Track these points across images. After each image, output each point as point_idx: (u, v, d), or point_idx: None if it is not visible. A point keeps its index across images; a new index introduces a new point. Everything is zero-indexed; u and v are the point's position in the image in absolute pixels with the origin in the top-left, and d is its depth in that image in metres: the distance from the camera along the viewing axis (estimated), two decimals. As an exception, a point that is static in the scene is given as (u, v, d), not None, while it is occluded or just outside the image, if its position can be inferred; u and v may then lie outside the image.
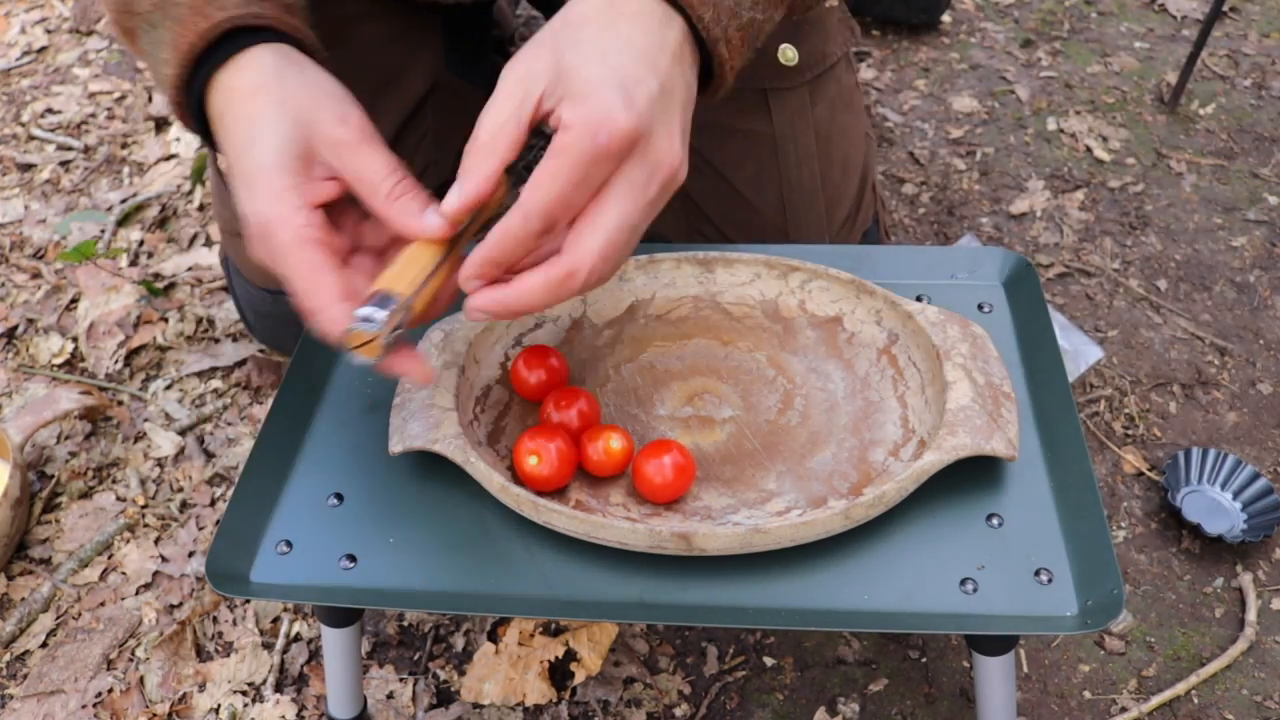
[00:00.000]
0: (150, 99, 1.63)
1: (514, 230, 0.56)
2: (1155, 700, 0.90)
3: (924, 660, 0.93)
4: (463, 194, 0.58)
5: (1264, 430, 1.12)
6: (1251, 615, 0.95)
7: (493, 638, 0.95)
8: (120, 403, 1.18)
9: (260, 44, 0.62)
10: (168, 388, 1.20)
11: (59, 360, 1.23)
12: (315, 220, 0.60)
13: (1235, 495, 1.04)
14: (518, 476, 0.66)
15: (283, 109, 0.61)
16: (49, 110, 1.62)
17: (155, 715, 0.92)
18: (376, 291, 0.58)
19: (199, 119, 0.64)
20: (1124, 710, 0.90)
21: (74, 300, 1.30)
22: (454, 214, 0.59)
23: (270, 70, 0.62)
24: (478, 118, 0.58)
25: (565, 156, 0.54)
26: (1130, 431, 1.12)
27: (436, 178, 1.11)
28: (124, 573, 1.02)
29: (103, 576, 1.02)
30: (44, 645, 0.97)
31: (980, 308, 0.79)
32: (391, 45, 1.01)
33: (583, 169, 0.54)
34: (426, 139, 1.07)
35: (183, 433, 1.15)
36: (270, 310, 1.07)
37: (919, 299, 0.78)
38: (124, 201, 1.43)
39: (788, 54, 0.96)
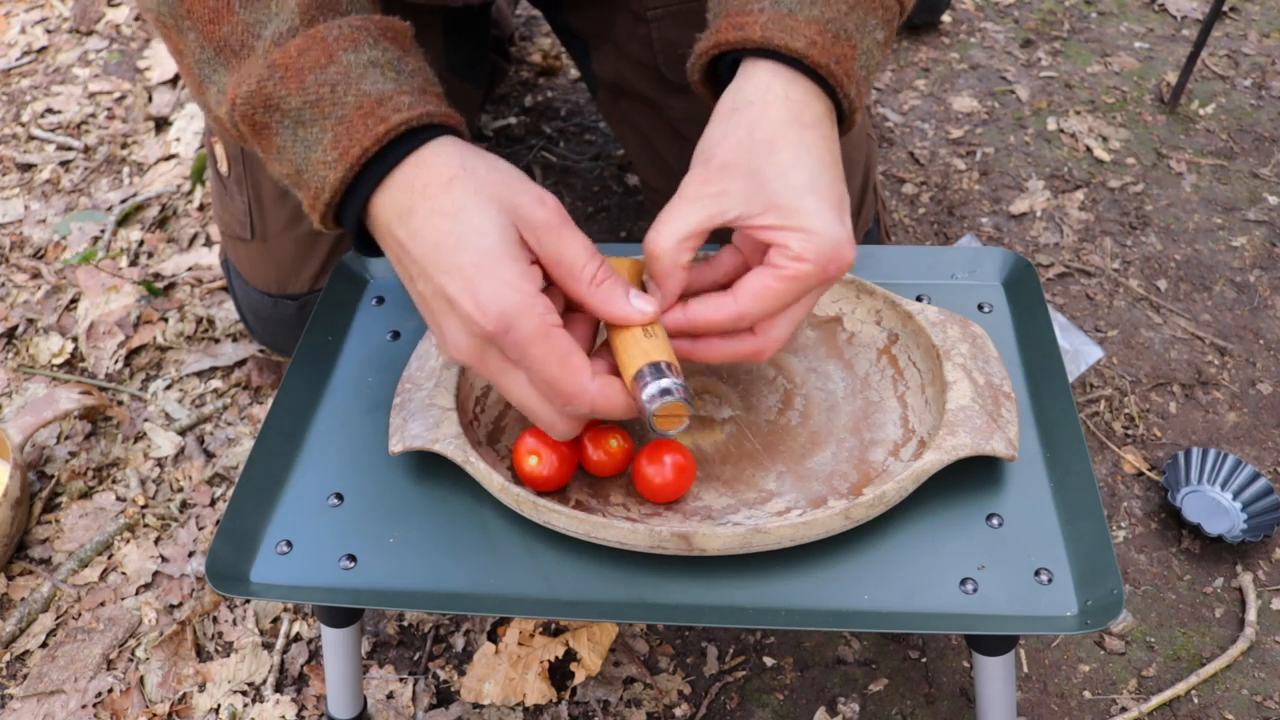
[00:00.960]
0: (150, 99, 1.63)
1: (723, 322, 0.61)
2: (1155, 700, 0.90)
3: (924, 660, 0.93)
4: (663, 301, 0.62)
5: (1264, 430, 1.12)
6: (1251, 615, 0.95)
7: (493, 638, 0.95)
8: (120, 403, 1.18)
9: (436, 139, 0.60)
10: (168, 388, 1.20)
11: (59, 360, 1.23)
12: (550, 305, 0.57)
13: (1235, 495, 1.04)
14: (518, 476, 0.66)
15: (483, 197, 0.58)
16: (49, 110, 1.62)
17: (155, 715, 0.92)
18: (642, 367, 0.59)
19: (357, 225, 0.62)
20: (1124, 710, 0.90)
21: (74, 300, 1.30)
22: (654, 317, 0.61)
23: (457, 162, 0.59)
24: (653, 231, 0.61)
25: (796, 283, 0.59)
26: (1130, 431, 1.12)
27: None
28: (124, 573, 1.02)
29: (103, 576, 1.02)
30: (44, 645, 0.97)
31: (980, 308, 0.79)
32: None
33: (805, 292, 0.60)
34: (427, 140, 1.07)
35: (183, 433, 1.15)
36: (270, 313, 1.07)
37: (919, 299, 0.78)
38: (124, 201, 1.43)
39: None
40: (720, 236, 0.64)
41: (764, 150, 0.60)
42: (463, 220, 0.57)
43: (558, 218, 0.58)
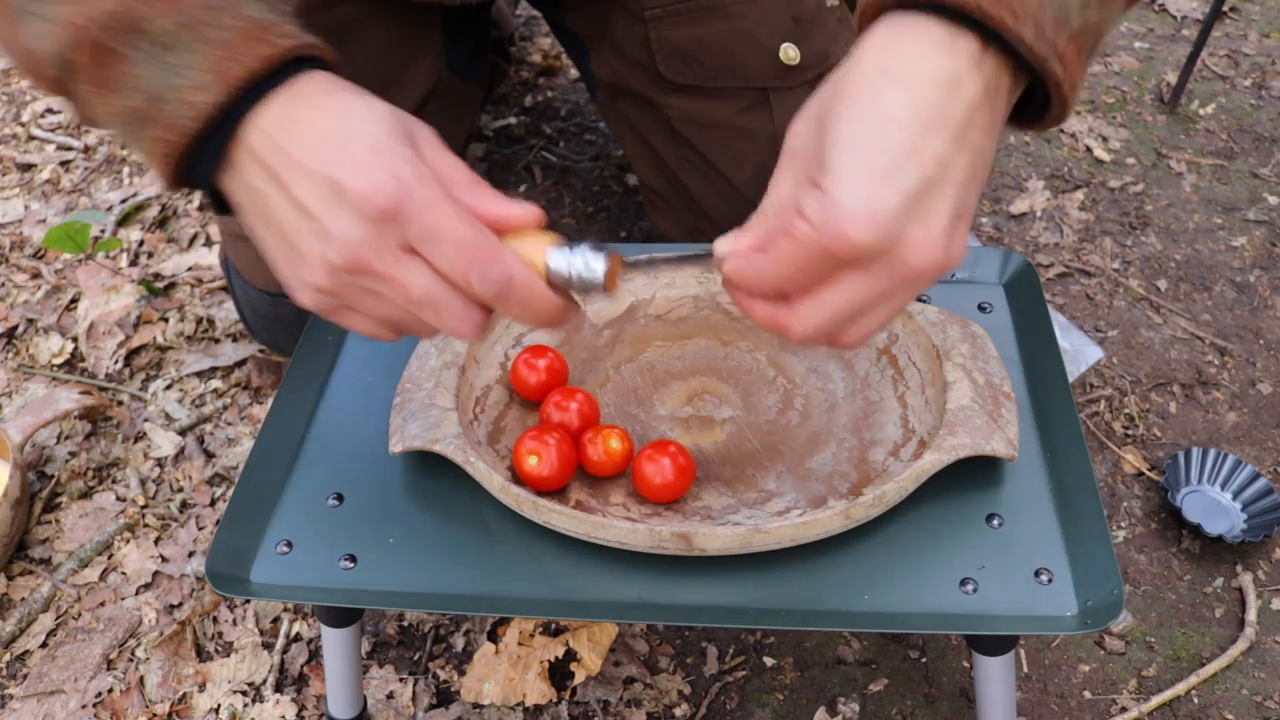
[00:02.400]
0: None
1: (752, 277, 0.52)
2: (1155, 700, 0.90)
3: (924, 660, 0.93)
4: (744, 244, 0.53)
5: (1264, 430, 1.12)
6: (1251, 615, 0.95)
7: (493, 638, 0.95)
8: (120, 403, 1.18)
9: (317, 69, 0.56)
10: (168, 388, 1.20)
11: (59, 360, 1.23)
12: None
13: (1235, 495, 1.04)
14: (518, 476, 0.66)
15: (373, 102, 0.55)
16: (49, 110, 1.62)
17: (155, 715, 0.92)
18: (548, 249, 0.54)
19: (211, 168, 0.57)
20: (1124, 710, 0.90)
21: (74, 300, 1.30)
22: (537, 219, 0.55)
23: (343, 84, 0.56)
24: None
25: (798, 248, 0.50)
26: (1130, 431, 1.12)
27: (436, 179, 1.11)
28: (124, 573, 1.02)
29: (103, 576, 1.02)
30: (44, 645, 0.97)
31: (980, 308, 0.79)
32: (392, 47, 1.01)
33: (811, 264, 0.50)
34: (427, 140, 1.07)
35: (183, 433, 1.15)
36: (270, 312, 1.07)
37: (919, 299, 0.78)
38: (124, 201, 1.43)
39: (789, 53, 0.96)
40: None
41: (840, 97, 0.50)
42: (353, 115, 0.54)
43: (432, 130, 0.56)
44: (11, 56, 0.59)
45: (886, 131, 0.48)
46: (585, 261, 0.53)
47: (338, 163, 0.52)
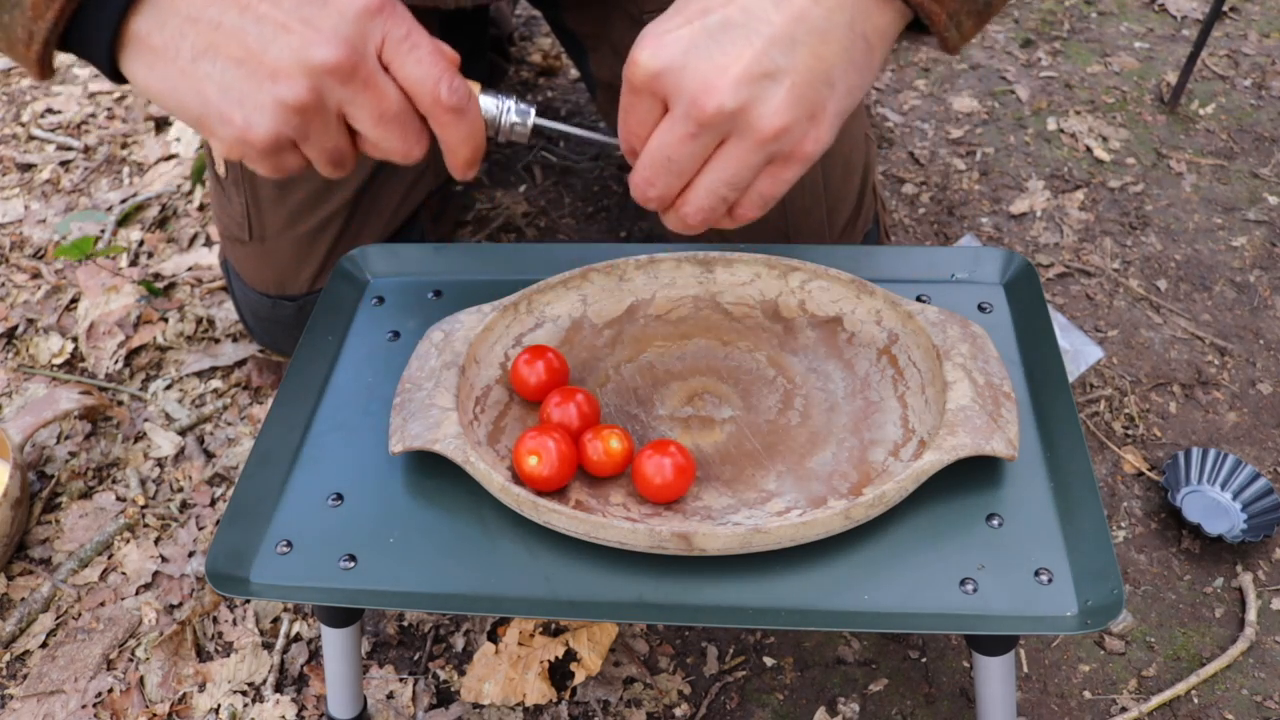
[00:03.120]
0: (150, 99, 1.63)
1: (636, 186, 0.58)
2: (1155, 700, 0.90)
3: (924, 660, 0.93)
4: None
5: (1264, 430, 1.12)
6: (1251, 615, 0.95)
7: (493, 638, 0.95)
8: (120, 403, 1.18)
9: None
10: (168, 388, 1.20)
11: (59, 360, 1.23)
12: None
13: (1235, 495, 1.04)
14: (518, 476, 0.66)
15: None
16: (49, 110, 1.62)
17: (155, 715, 0.92)
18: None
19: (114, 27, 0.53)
20: (1124, 710, 0.90)
21: (74, 300, 1.30)
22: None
23: None
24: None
25: (655, 138, 0.55)
26: (1130, 431, 1.12)
27: (435, 179, 1.11)
28: (124, 573, 1.02)
29: (103, 576, 1.02)
30: (44, 645, 0.97)
31: (980, 308, 0.79)
32: None
33: (631, 105, 0.56)
34: (426, 140, 1.07)
35: (183, 433, 1.15)
36: (269, 314, 1.07)
37: (919, 299, 0.78)
38: (124, 201, 1.43)
39: None
40: None
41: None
42: None
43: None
44: None
45: (728, 34, 0.51)
46: (514, 107, 0.60)
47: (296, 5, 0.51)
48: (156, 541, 1.05)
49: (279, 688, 0.94)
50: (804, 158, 0.55)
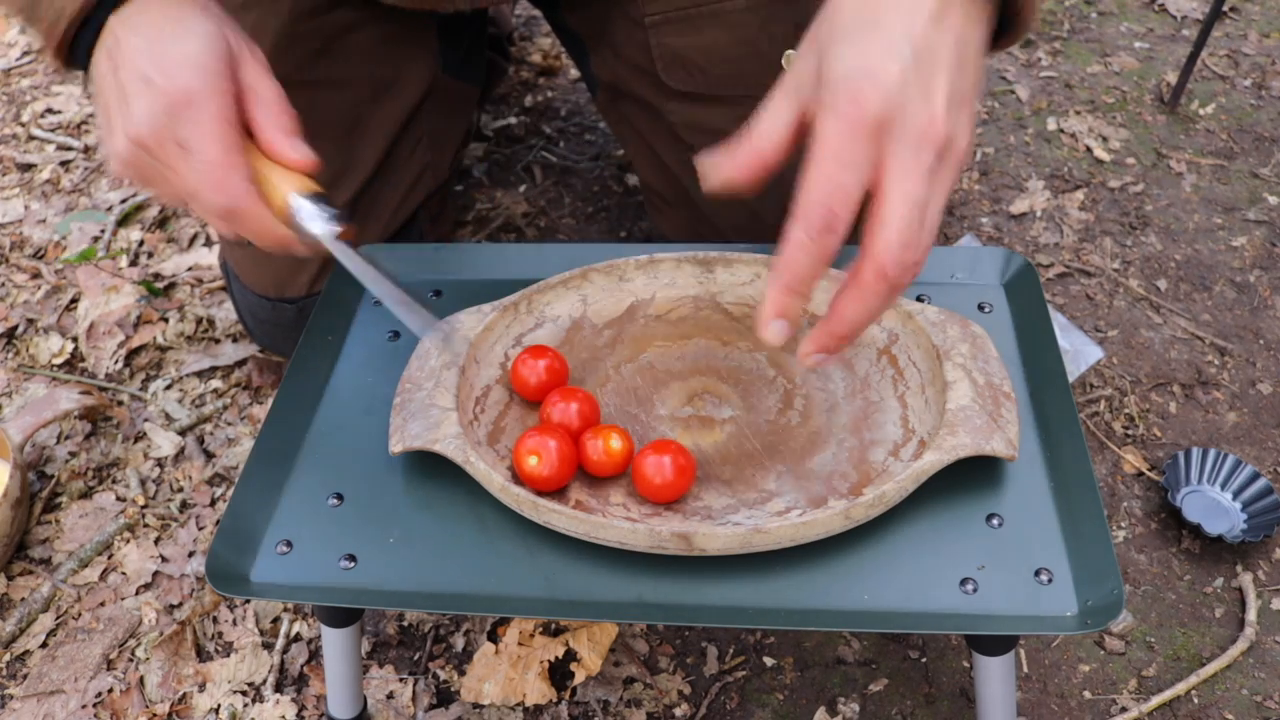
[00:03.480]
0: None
1: (797, 241, 0.53)
2: (1155, 700, 0.90)
3: (924, 660, 0.93)
4: (726, 158, 0.57)
5: (1264, 430, 1.12)
6: (1251, 615, 0.95)
7: (493, 638, 0.95)
8: (120, 403, 1.18)
9: None
10: (168, 388, 1.20)
11: (59, 360, 1.23)
12: (235, 111, 0.63)
13: (1235, 495, 1.04)
14: (518, 476, 0.66)
15: (209, 14, 0.65)
16: (49, 110, 1.62)
17: (155, 715, 0.92)
18: (295, 194, 0.64)
19: (86, 59, 0.67)
20: (1124, 710, 0.90)
21: (74, 300, 1.30)
22: (309, 165, 0.64)
23: None
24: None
25: (821, 144, 0.52)
26: (1130, 431, 1.12)
27: (434, 180, 1.11)
28: (124, 573, 1.02)
29: (103, 576, 1.02)
30: (44, 645, 0.97)
31: (980, 308, 0.79)
32: (387, 51, 1.01)
33: (844, 149, 0.52)
34: (423, 142, 1.07)
35: (183, 433, 1.15)
36: (269, 317, 1.07)
37: (919, 299, 0.78)
38: (124, 201, 1.43)
39: (791, 58, 0.96)
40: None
41: (828, 23, 0.56)
42: (182, 24, 0.64)
43: (258, 55, 0.66)
44: None
45: (875, 28, 0.53)
46: (314, 218, 0.63)
47: (152, 61, 0.62)
48: (156, 541, 1.05)
49: (279, 688, 0.94)
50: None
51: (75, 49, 0.66)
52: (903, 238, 0.52)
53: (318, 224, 0.63)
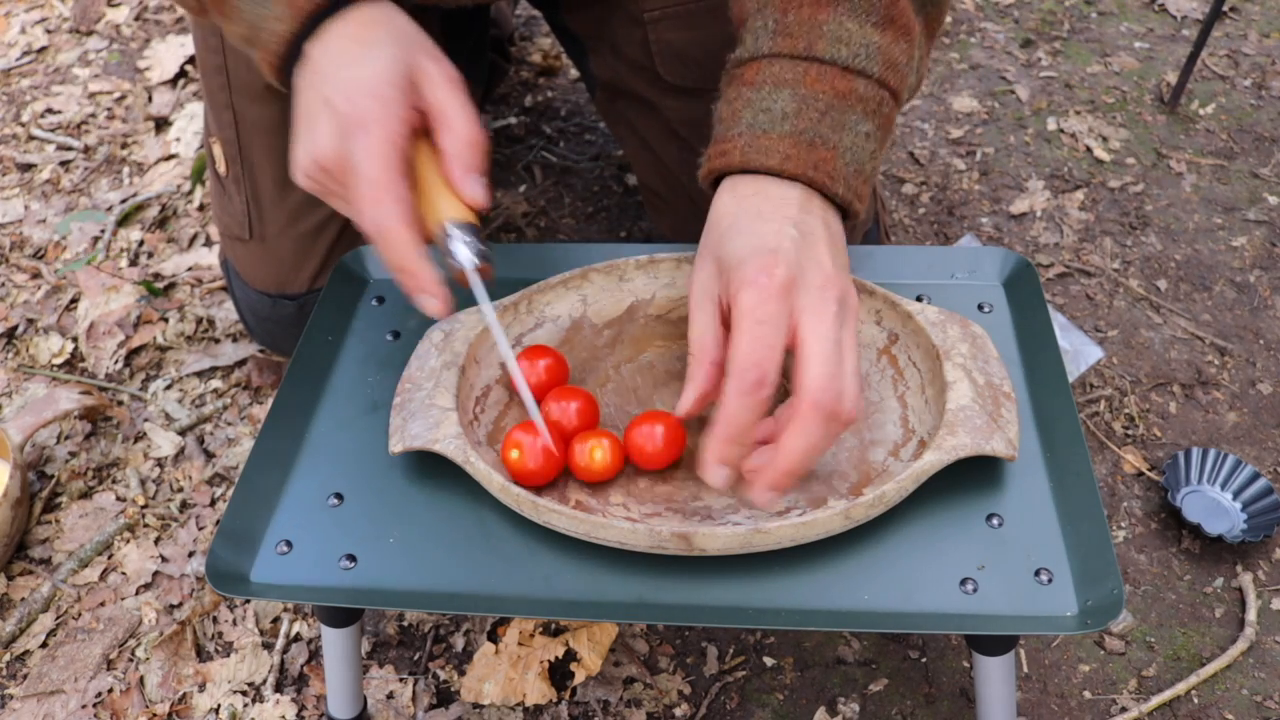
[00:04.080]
0: (150, 99, 1.63)
1: (732, 398, 0.59)
2: (1155, 700, 0.90)
3: (924, 660, 0.93)
4: (692, 395, 0.64)
5: (1264, 430, 1.12)
6: (1251, 615, 0.95)
7: (493, 638, 0.95)
8: (120, 403, 1.18)
9: (369, 1, 0.69)
10: (168, 388, 1.20)
11: (59, 360, 1.23)
12: (406, 134, 0.65)
13: (1235, 495, 1.04)
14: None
15: (395, 37, 0.67)
16: (49, 110, 1.62)
17: (155, 715, 0.92)
18: (452, 221, 0.65)
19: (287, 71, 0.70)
20: (1124, 710, 0.90)
21: (74, 300, 1.30)
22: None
23: (384, 13, 0.69)
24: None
25: (743, 310, 0.59)
26: (1130, 431, 1.12)
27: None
28: (124, 573, 1.02)
29: (103, 576, 1.02)
30: (44, 645, 0.97)
31: (980, 308, 0.79)
32: None
33: (763, 309, 0.59)
34: (425, 140, 1.07)
35: (183, 433, 1.15)
36: (269, 314, 1.07)
37: (919, 299, 0.78)
38: (124, 201, 1.43)
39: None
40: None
41: (716, 230, 0.66)
42: (369, 48, 0.66)
43: (452, 77, 0.67)
44: None
45: (757, 220, 0.64)
46: (465, 248, 0.64)
47: (334, 84, 0.65)
48: (156, 541, 1.05)
49: (279, 688, 0.94)
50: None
51: (288, 70, 0.69)
52: (827, 368, 0.59)
53: (466, 255, 0.64)
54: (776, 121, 0.66)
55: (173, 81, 1.65)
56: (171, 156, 1.52)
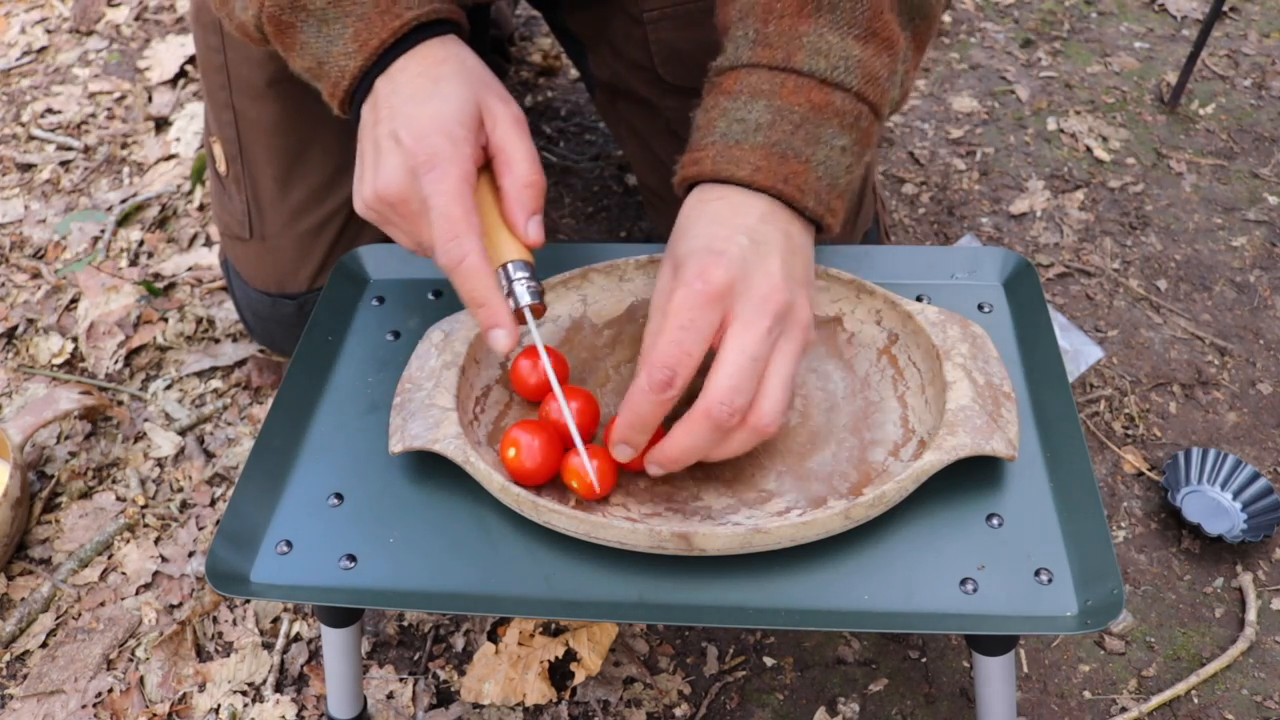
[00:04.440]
0: (150, 99, 1.63)
1: (639, 388, 0.61)
2: (1155, 700, 0.90)
3: (924, 660, 0.93)
4: (621, 412, 0.63)
5: (1264, 430, 1.12)
6: (1251, 615, 0.95)
7: (493, 638, 0.95)
8: (120, 403, 1.18)
9: (439, 35, 0.71)
10: (168, 388, 1.20)
11: (59, 360, 1.23)
12: (475, 172, 0.66)
13: (1235, 495, 1.04)
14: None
15: (463, 77, 0.68)
16: (49, 110, 1.62)
17: (155, 715, 0.92)
18: (514, 261, 0.67)
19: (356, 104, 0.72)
20: (1124, 710, 0.90)
21: (74, 300, 1.30)
22: (536, 243, 0.67)
23: (452, 51, 0.70)
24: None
25: (669, 309, 0.60)
26: (1130, 431, 1.12)
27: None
28: (124, 573, 1.02)
29: (103, 576, 1.02)
30: (44, 645, 0.97)
31: (980, 308, 0.79)
32: None
33: (687, 314, 0.60)
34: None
35: (183, 433, 1.15)
36: (269, 313, 1.07)
37: (919, 299, 0.78)
38: (124, 201, 1.43)
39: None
40: None
41: (675, 233, 0.66)
42: (439, 85, 0.67)
43: (518, 118, 0.69)
44: (224, 21, 0.77)
45: (712, 224, 0.64)
46: (524, 287, 0.66)
47: (404, 120, 0.66)
48: (156, 541, 1.05)
49: (279, 688, 0.94)
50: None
51: (354, 101, 0.71)
52: (732, 382, 0.59)
53: (526, 295, 0.66)
54: (750, 132, 0.66)
55: (173, 81, 1.65)
56: (171, 156, 1.52)
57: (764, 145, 0.65)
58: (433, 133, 0.65)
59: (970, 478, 0.66)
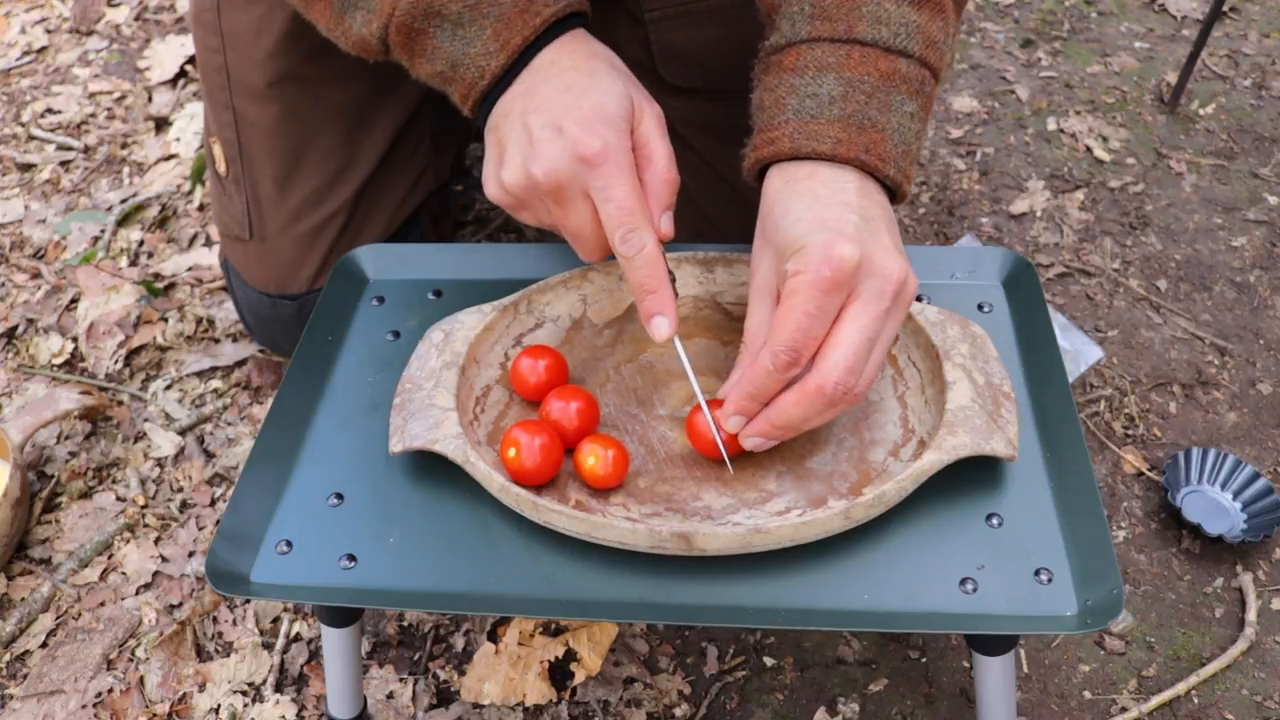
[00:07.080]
0: (150, 99, 1.63)
1: (763, 367, 0.62)
2: (1155, 700, 0.90)
3: (924, 660, 0.93)
4: (739, 383, 0.64)
5: (1264, 430, 1.12)
6: (1251, 615, 0.95)
7: (493, 638, 0.95)
8: (120, 403, 1.18)
9: (570, 30, 0.71)
10: (168, 388, 1.20)
11: (59, 360, 1.23)
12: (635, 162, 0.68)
13: (1235, 495, 1.04)
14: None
15: (615, 71, 0.70)
16: (49, 110, 1.62)
17: (155, 715, 0.92)
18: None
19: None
20: (1124, 710, 0.90)
21: (74, 300, 1.30)
22: (666, 236, 0.69)
23: (596, 46, 0.72)
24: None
25: (798, 294, 0.60)
26: (1130, 431, 1.12)
27: (435, 179, 1.11)
28: (124, 573, 1.02)
29: (103, 576, 1.02)
30: (44, 645, 0.97)
31: (980, 308, 0.79)
32: None
33: (816, 301, 0.60)
34: (425, 141, 1.07)
35: (183, 433, 1.15)
36: (269, 314, 1.07)
37: (919, 299, 0.78)
38: (124, 201, 1.43)
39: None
40: None
41: (767, 217, 0.66)
42: (595, 78, 0.68)
43: (659, 116, 0.70)
44: (338, 40, 0.77)
45: (816, 204, 0.63)
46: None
47: (566, 111, 0.67)
48: (156, 541, 1.05)
49: (279, 688, 0.94)
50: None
51: (487, 100, 0.72)
52: (849, 363, 0.60)
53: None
54: (824, 106, 0.65)
55: (173, 81, 1.65)
56: (171, 156, 1.52)
57: (841, 118, 0.65)
58: (599, 124, 0.66)
59: (970, 478, 0.66)
